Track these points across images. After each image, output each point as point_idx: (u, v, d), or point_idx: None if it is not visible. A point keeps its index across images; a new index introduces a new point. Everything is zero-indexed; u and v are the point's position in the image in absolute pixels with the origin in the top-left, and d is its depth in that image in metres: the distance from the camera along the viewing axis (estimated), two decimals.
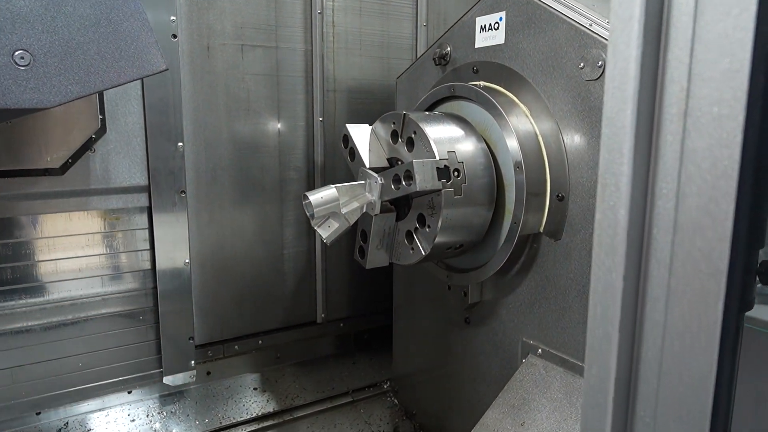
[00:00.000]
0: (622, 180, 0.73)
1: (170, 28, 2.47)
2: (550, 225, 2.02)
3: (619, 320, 0.74)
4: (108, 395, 2.67)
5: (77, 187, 2.40)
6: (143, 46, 1.45)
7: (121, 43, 1.41)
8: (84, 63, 1.36)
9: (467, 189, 2.01)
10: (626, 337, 0.78)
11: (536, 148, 2.02)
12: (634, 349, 0.79)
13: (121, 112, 2.44)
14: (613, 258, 0.75)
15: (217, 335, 2.93)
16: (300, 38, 2.88)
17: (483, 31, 2.23)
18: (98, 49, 1.38)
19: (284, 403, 2.87)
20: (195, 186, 2.71)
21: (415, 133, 2.03)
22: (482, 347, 2.41)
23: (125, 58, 1.42)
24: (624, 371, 0.81)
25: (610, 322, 0.77)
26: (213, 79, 2.68)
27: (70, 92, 1.34)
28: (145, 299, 2.65)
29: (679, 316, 0.72)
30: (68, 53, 1.34)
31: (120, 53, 1.42)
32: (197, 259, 2.78)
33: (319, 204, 2.00)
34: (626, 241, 0.74)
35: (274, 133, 2.89)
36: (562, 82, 1.92)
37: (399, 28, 3.14)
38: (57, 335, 2.49)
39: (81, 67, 1.36)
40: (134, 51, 1.44)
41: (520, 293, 2.19)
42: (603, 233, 0.77)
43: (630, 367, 0.81)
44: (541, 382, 2.09)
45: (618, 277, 0.76)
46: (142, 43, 1.44)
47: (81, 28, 1.36)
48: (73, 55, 1.34)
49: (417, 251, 2.10)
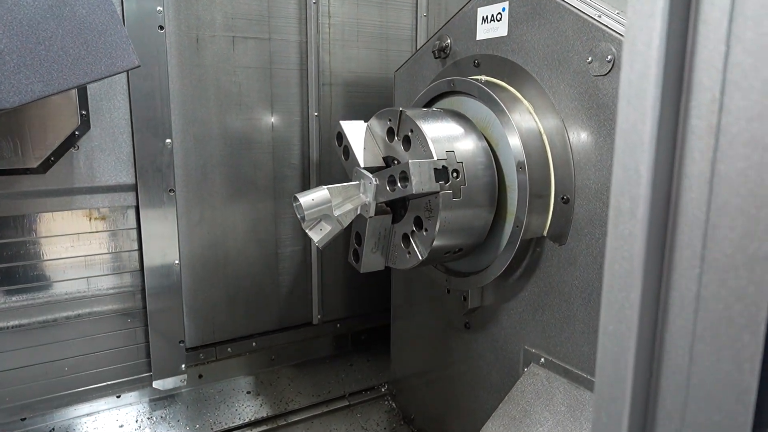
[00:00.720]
0: (639, 206, 0.62)
1: (157, 19, 2.35)
2: (555, 228, 1.91)
3: (632, 373, 0.63)
4: (96, 400, 2.59)
5: (60, 186, 2.30)
6: (112, 41, 1.33)
7: (88, 38, 1.30)
8: (47, 59, 1.25)
9: (467, 190, 1.90)
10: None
11: (540, 147, 1.90)
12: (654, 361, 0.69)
13: (105, 108, 2.33)
14: (627, 295, 0.65)
15: (209, 337, 2.83)
16: (294, 29, 2.75)
17: (485, 22, 2.11)
18: (62, 45, 1.27)
19: (278, 407, 2.78)
20: (184, 184, 2.61)
21: (411, 132, 1.92)
22: (483, 353, 2.31)
23: (93, 54, 1.31)
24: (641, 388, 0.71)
25: (621, 370, 0.67)
26: (202, 72, 2.57)
27: (31, 91, 1.23)
28: (134, 301, 2.56)
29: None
30: (29, 49, 1.23)
31: (87, 48, 1.30)
32: (187, 259, 2.68)
33: (310, 206, 1.89)
34: (642, 277, 0.63)
35: (267, 128, 2.78)
36: (569, 78, 1.81)
37: (398, 19, 3.02)
38: (42, 338, 2.40)
39: (43, 64, 1.25)
40: (103, 46, 1.32)
41: (522, 299, 2.08)
42: (615, 266, 0.66)
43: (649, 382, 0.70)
44: (543, 394, 1.99)
45: (633, 316, 0.65)
46: (110, 37, 1.33)
47: (42, 22, 1.24)
48: (34, 51, 1.23)
49: (414, 256, 1.99)
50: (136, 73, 2.34)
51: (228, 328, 2.88)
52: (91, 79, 1.33)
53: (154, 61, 2.37)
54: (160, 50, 2.38)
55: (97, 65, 1.32)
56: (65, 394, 2.51)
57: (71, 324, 2.46)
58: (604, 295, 0.68)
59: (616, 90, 1.66)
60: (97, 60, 1.32)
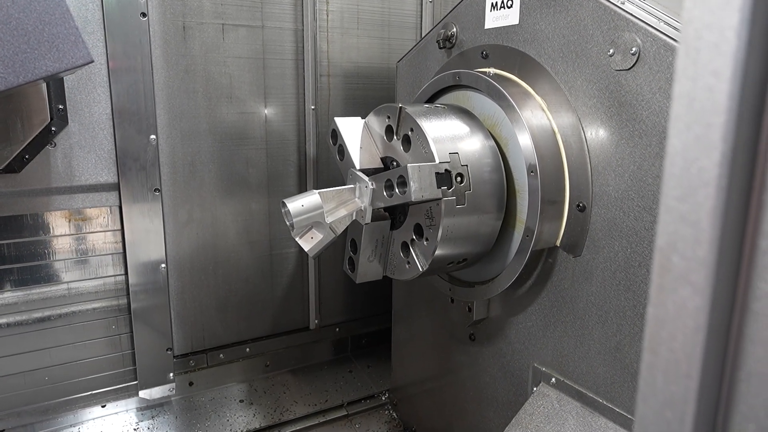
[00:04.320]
0: (698, 273, 0.45)
1: (138, 5, 2.17)
2: (569, 238, 1.74)
3: None
4: (80, 410, 2.45)
5: (36, 186, 2.15)
6: (60, 33, 1.16)
7: (30, 30, 1.13)
8: None
9: (472, 196, 1.72)
10: None
11: (554, 149, 1.72)
12: None
13: (84, 102, 2.17)
14: (677, 381, 0.48)
15: (199, 344, 2.69)
16: (289, 16, 2.57)
17: (494, 9, 1.92)
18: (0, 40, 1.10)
19: (272, 417, 2.64)
20: (171, 182, 2.45)
21: (412, 131, 1.74)
22: (488, 368, 2.15)
23: (36, 49, 1.14)
24: None
25: None
26: (190, 63, 2.39)
27: None
28: (118, 307, 2.42)
29: None
30: None
31: (29, 42, 1.13)
32: (175, 262, 2.53)
33: (300, 213, 1.73)
34: (701, 367, 0.46)
35: (260, 122, 2.60)
36: (587, 72, 1.62)
37: (401, 5, 2.82)
38: (22, 346, 2.27)
39: None
40: (48, 39, 1.15)
41: (532, 313, 1.91)
42: (657, 339, 0.49)
43: None
44: (554, 418, 1.82)
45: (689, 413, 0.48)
46: (58, 29, 1.16)
47: None
48: None
49: (413, 266, 1.83)
50: (117, 63, 2.17)
51: (220, 334, 2.74)
52: (35, 76, 1.15)
53: (137, 51, 2.20)
54: (143, 39, 2.20)
55: (42, 60, 1.15)
56: (47, 404, 2.38)
57: (52, 331, 2.32)
58: (642, 381, 0.51)
59: (640, 86, 1.48)
60: (41, 54, 1.14)
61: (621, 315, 1.60)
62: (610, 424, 1.68)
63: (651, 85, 1.45)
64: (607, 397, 1.68)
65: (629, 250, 1.56)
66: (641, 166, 1.50)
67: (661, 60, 1.42)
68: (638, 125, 1.50)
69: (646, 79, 1.46)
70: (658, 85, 1.44)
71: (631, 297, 1.57)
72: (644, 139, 1.49)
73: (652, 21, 1.45)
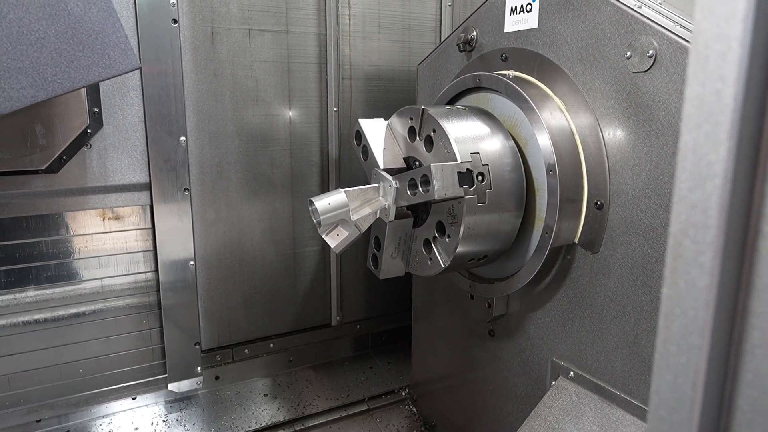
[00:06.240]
0: (707, 255, 0.51)
1: (170, 12, 2.26)
2: (587, 236, 1.79)
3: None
4: (112, 401, 2.55)
5: (73, 186, 2.25)
6: (110, 40, 1.25)
7: (83, 38, 1.21)
8: (40, 62, 1.17)
9: (492, 195, 1.78)
10: None
11: (572, 148, 1.77)
12: None
13: (118, 105, 2.26)
14: (688, 352, 0.53)
15: (226, 339, 2.78)
16: (313, 21, 2.65)
17: (513, 13, 1.98)
18: (56, 46, 1.18)
19: (296, 411, 2.71)
20: (200, 182, 2.54)
21: (434, 132, 1.81)
22: (508, 363, 2.20)
23: (89, 55, 1.22)
24: None
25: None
26: (218, 67, 2.48)
27: (23, 96, 1.14)
28: (148, 302, 2.51)
29: None
30: (20, 51, 1.14)
31: (83, 50, 1.22)
32: (203, 259, 2.62)
33: (327, 210, 1.80)
34: (710, 340, 0.52)
35: (284, 124, 2.68)
36: (605, 74, 1.67)
37: (422, 9, 2.89)
38: (57, 339, 2.37)
39: (35, 67, 1.16)
40: (100, 46, 1.24)
41: (551, 309, 1.96)
42: (671, 316, 0.55)
43: None
44: (572, 410, 1.87)
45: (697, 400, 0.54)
46: (108, 36, 1.24)
47: (34, 22, 1.16)
48: (25, 54, 1.15)
49: (435, 263, 1.89)
50: (148, 68, 2.26)
51: (245, 329, 2.82)
52: (87, 82, 1.24)
53: (168, 56, 2.29)
54: (174, 44, 2.29)
55: (95, 67, 1.23)
56: (80, 396, 2.47)
57: (86, 325, 2.42)
58: (657, 361, 0.57)
59: (657, 88, 1.53)
60: (94, 62, 1.23)
61: (638, 310, 1.65)
62: (628, 416, 1.73)
63: (667, 86, 1.50)
64: (625, 389, 1.73)
65: (646, 246, 1.61)
66: (658, 165, 1.55)
67: (677, 62, 1.47)
68: (655, 125, 1.55)
69: (663, 81, 1.51)
70: (674, 86, 1.49)
71: (648, 292, 1.62)
72: (661, 138, 1.54)
73: (668, 24, 1.50)
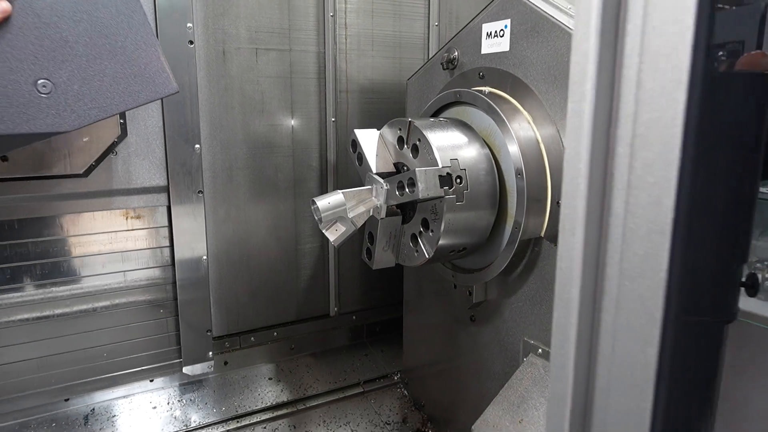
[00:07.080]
0: (580, 225, 0.80)
1: (187, 34, 2.55)
2: (551, 230, 2.07)
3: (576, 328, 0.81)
4: (132, 383, 2.82)
5: (100, 189, 2.52)
6: (155, 72, 1.55)
7: (135, 69, 1.51)
8: (101, 89, 1.47)
9: (469, 195, 2.07)
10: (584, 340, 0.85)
11: (538, 155, 2.06)
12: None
13: (140, 116, 2.54)
14: (570, 291, 0.82)
15: (234, 327, 3.05)
16: (313, 41, 2.94)
17: (489, 37, 2.27)
18: (114, 76, 1.48)
19: (297, 392, 2.99)
20: (212, 185, 2.82)
21: (419, 141, 2.10)
22: (487, 345, 2.48)
23: (139, 83, 1.52)
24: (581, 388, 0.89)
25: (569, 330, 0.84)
26: (228, 82, 2.77)
27: (88, 116, 1.45)
28: (165, 293, 2.79)
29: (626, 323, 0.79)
30: (86, 81, 1.44)
31: (134, 78, 1.52)
32: (214, 254, 2.90)
33: (327, 209, 2.08)
34: (580, 288, 0.81)
35: (287, 133, 2.98)
36: (564, 91, 1.96)
37: (411, 28, 3.19)
38: (83, 326, 2.64)
39: (98, 93, 1.46)
40: (147, 76, 1.54)
41: (522, 294, 2.25)
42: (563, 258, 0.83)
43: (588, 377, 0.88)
44: (539, 381, 2.16)
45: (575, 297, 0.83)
46: (154, 69, 1.54)
47: (98, 58, 1.46)
48: (90, 83, 1.45)
49: (421, 254, 2.18)
50: None
51: (251, 319, 3.10)
52: (137, 104, 1.54)
53: (185, 73, 2.57)
54: (190, 63, 2.58)
55: (143, 92, 1.53)
56: (103, 378, 2.74)
57: (109, 314, 2.69)
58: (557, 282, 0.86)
59: None
60: (143, 88, 1.53)
61: None
62: None
63: None
64: None
65: None
66: None
67: None
68: None
69: None
70: None
71: None
72: None
73: None
